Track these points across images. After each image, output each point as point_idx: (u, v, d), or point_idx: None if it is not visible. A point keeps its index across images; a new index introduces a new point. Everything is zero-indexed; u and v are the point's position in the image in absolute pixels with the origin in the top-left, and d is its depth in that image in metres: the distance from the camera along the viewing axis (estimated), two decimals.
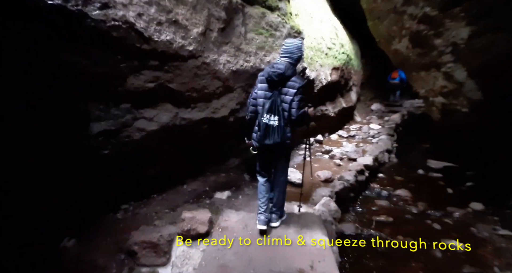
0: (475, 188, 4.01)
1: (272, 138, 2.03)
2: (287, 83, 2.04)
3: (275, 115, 2.01)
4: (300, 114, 2.07)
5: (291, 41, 2.21)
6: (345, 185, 3.68)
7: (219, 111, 3.35)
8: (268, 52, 4.07)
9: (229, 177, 3.92)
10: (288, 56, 2.12)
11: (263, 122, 2.05)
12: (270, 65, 2.11)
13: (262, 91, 2.16)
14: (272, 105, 2.02)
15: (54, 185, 2.18)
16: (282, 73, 2.01)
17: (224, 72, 3.24)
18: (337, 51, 7.41)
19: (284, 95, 2.05)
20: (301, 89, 2.05)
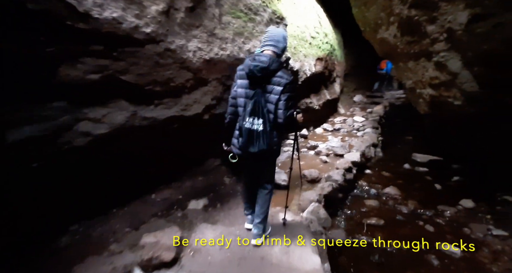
0: (463, 183, 3.80)
1: (257, 145, 1.65)
2: (272, 79, 1.64)
3: (259, 117, 1.62)
4: (288, 116, 1.67)
5: (275, 28, 1.80)
6: (334, 186, 3.31)
7: (191, 107, 2.80)
8: (247, 39, 3.53)
9: (207, 181, 3.42)
10: (273, 45, 1.71)
11: (246, 127, 1.66)
12: (250, 57, 1.69)
13: (242, 89, 1.73)
14: (255, 106, 1.62)
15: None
16: (265, 67, 1.59)
17: (195, 62, 2.67)
18: (321, 40, 6.95)
19: (269, 93, 1.65)
20: (289, 86, 1.64)
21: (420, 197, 3.50)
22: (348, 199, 3.59)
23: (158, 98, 2.43)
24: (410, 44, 3.93)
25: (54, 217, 2.09)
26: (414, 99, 4.85)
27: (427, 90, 3.89)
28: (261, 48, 1.75)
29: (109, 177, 2.40)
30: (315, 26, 6.82)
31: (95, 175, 2.26)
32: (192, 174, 3.38)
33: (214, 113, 3.21)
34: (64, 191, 2.09)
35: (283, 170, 3.96)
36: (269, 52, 1.70)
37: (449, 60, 3.09)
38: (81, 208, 2.27)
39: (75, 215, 2.25)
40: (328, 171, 4.02)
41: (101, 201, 2.41)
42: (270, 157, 1.89)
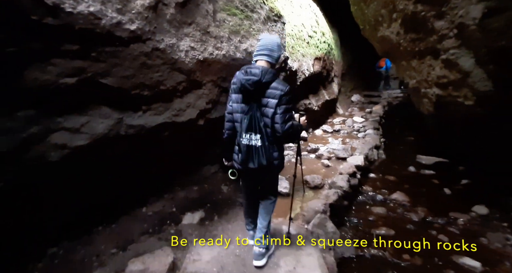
0: (473, 187, 3.59)
1: (257, 161, 1.57)
2: (266, 91, 1.55)
3: (257, 133, 1.55)
4: (286, 130, 1.56)
5: (268, 36, 1.68)
6: (339, 193, 3.07)
7: (184, 113, 2.53)
8: (244, 38, 3.27)
9: (203, 190, 3.16)
10: (267, 54, 1.60)
11: (243, 144, 1.58)
12: (242, 70, 1.60)
13: (237, 104, 1.65)
14: (251, 121, 1.55)
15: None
16: (258, 80, 1.50)
17: (187, 62, 2.41)
18: (319, 39, 6.73)
19: (264, 107, 1.57)
20: (285, 98, 1.54)
21: (429, 203, 3.28)
22: (354, 206, 3.35)
23: (147, 103, 2.17)
24: (415, 42, 3.71)
25: (29, 240, 1.81)
26: (417, 99, 4.64)
27: (433, 90, 3.68)
28: (254, 57, 1.64)
29: (93, 192, 2.13)
30: (312, 25, 6.59)
31: (75, 191, 1.98)
32: (186, 184, 3.11)
33: (210, 118, 2.96)
34: (39, 210, 1.82)
35: (283, 176, 3.72)
36: (263, 62, 1.60)
37: (460, 58, 2.87)
38: (60, 229, 1.99)
39: (54, 236, 1.97)
40: (331, 176, 3.79)
41: (85, 219, 2.13)
42: (272, 171, 1.79)
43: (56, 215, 1.93)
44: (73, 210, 2.03)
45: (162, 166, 2.73)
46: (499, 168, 3.62)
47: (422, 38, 3.48)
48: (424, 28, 3.33)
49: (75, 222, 2.07)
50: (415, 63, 4.00)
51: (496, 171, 3.61)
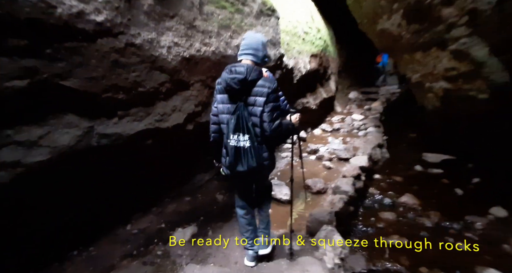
0: (485, 186, 3.31)
1: (246, 163, 1.47)
2: (252, 90, 1.47)
3: (245, 133, 1.46)
4: (275, 128, 1.48)
5: (253, 34, 1.60)
6: (345, 200, 2.78)
7: (170, 117, 2.22)
8: (235, 33, 2.97)
9: (196, 201, 2.85)
10: (252, 54, 1.53)
11: (231, 145, 1.48)
12: (226, 69, 1.52)
13: (223, 104, 1.55)
14: (238, 121, 1.46)
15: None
16: (243, 78, 1.43)
17: (170, 60, 2.10)
18: (314, 36, 6.43)
19: (251, 106, 1.48)
20: (272, 95, 1.47)
21: (442, 205, 3.00)
22: (360, 212, 3.06)
23: (123, 108, 1.85)
24: (419, 33, 3.43)
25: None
26: (420, 94, 4.37)
27: (440, 84, 3.40)
28: (239, 56, 1.57)
29: (64, 211, 1.81)
30: (307, 21, 6.30)
31: (41, 212, 1.67)
32: (176, 195, 2.80)
33: (200, 122, 2.65)
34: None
35: (283, 181, 3.42)
36: (248, 61, 1.52)
37: (471, 48, 2.60)
38: (24, 258, 1.68)
39: (16, 268, 1.66)
40: (334, 179, 3.50)
41: (56, 243, 1.82)
42: (262, 173, 1.70)
43: (18, 243, 1.61)
44: (39, 234, 1.71)
45: (148, 177, 2.42)
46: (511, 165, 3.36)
47: (427, 28, 3.20)
48: (429, 17, 3.04)
49: (43, 248, 1.76)
50: (419, 56, 3.72)
51: (508, 169, 3.35)
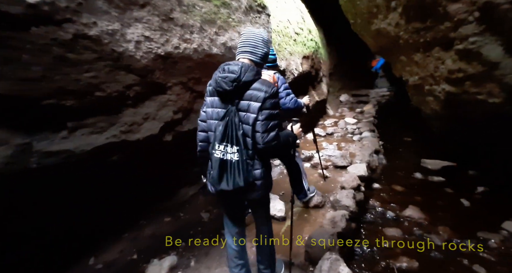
0: (492, 196, 3.06)
1: (232, 180, 1.20)
2: (246, 93, 1.22)
3: (233, 144, 1.20)
4: (269, 140, 1.21)
5: (251, 30, 1.34)
6: (347, 217, 2.43)
7: (141, 127, 1.81)
8: (222, 30, 2.59)
9: (178, 222, 2.43)
10: (250, 51, 1.29)
11: (215, 157, 1.22)
12: (220, 68, 1.28)
13: (212, 108, 1.32)
14: (226, 128, 1.20)
15: None
16: (236, 77, 1.19)
17: (139, 58, 1.69)
18: (305, 37, 6.14)
19: (244, 112, 1.23)
20: (270, 101, 1.20)
21: (450, 219, 2.70)
22: (362, 228, 2.73)
23: (74, 118, 1.43)
24: (419, 32, 3.15)
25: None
26: (418, 97, 4.11)
27: (442, 86, 3.12)
28: (236, 55, 1.33)
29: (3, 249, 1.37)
30: (298, 22, 6.00)
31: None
32: (155, 215, 2.37)
33: (181, 131, 2.24)
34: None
35: (276, 194, 3.05)
36: (245, 60, 1.28)
37: (483, 47, 2.32)
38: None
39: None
40: (331, 191, 3.16)
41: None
42: (256, 195, 1.34)
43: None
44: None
45: (117, 197, 1.99)
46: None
47: (430, 27, 2.92)
48: (433, 14, 2.76)
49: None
50: (418, 57, 3.45)
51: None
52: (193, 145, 2.23)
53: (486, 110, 2.60)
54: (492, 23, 2.19)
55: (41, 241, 1.57)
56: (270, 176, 1.38)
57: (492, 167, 3.47)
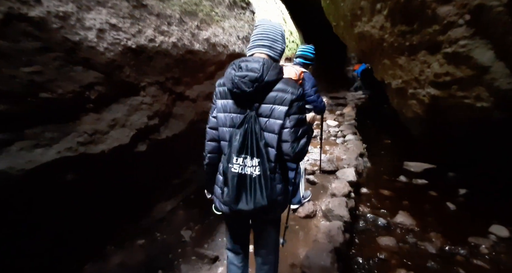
0: (475, 199, 3.08)
1: (252, 200, 0.99)
2: (268, 95, 1.00)
3: (254, 156, 0.99)
4: (300, 151, 1.01)
5: (269, 22, 1.12)
6: (342, 229, 2.25)
7: (106, 137, 1.44)
8: (204, 24, 2.28)
9: (152, 245, 2.07)
10: (269, 46, 1.07)
11: (233, 172, 1.00)
12: (233, 65, 1.04)
13: (225, 113, 1.08)
14: (245, 138, 0.99)
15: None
16: (258, 77, 0.96)
17: (103, 50, 1.33)
18: (287, 39, 6.00)
19: (266, 118, 1.01)
20: (297, 104, 1.00)
21: (439, 225, 2.65)
22: (355, 238, 2.57)
23: (9, 127, 1.05)
24: (405, 35, 3.10)
25: None
26: (400, 100, 4.12)
27: (427, 90, 3.10)
28: (250, 50, 1.11)
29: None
30: (280, 23, 5.84)
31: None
32: (125, 238, 1.99)
33: (158, 139, 1.90)
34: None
35: None
36: (262, 55, 1.07)
37: (473, 50, 2.27)
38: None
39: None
40: (321, 198, 2.98)
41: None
42: (273, 215, 1.20)
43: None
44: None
45: (75, 222, 1.60)
46: (492, 173, 3.20)
47: (416, 30, 2.87)
48: (421, 17, 2.70)
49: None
50: (402, 61, 3.41)
51: (494, 177, 3.18)
52: (173, 154, 1.89)
53: (473, 114, 2.58)
54: (483, 27, 2.14)
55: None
56: (288, 191, 1.21)
57: (470, 169, 3.54)
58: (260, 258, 1.28)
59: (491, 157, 2.93)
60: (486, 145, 2.88)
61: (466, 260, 2.23)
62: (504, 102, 2.26)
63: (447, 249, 2.35)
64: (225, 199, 1.07)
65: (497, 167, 2.97)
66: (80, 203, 1.57)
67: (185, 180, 2.60)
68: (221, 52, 2.47)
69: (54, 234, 1.48)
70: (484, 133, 2.72)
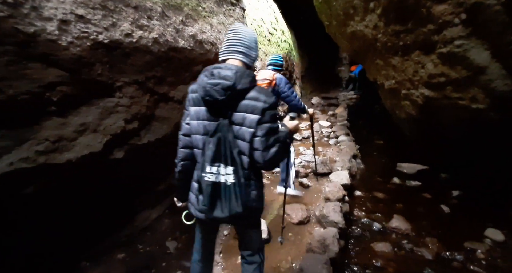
0: (468, 200, 3.02)
1: (227, 207, 1.00)
2: (241, 103, 1.00)
3: (228, 164, 0.99)
4: (270, 158, 1.00)
5: (244, 28, 1.11)
6: (337, 237, 2.12)
7: (73, 144, 1.26)
8: (190, 19, 2.10)
9: (135, 258, 1.88)
10: (243, 53, 1.06)
11: (207, 181, 0.99)
12: (206, 71, 1.03)
13: (198, 120, 1.06)
14: (219, 146, 0.98)
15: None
16: (230, 85, 0.96)
17: (67, 44, 1.15)
18: (279, 38, 5.86)
19: (238, 126, 1.01)
20: (270, 112, 1.00)
21: (435, 229, 2.56)
22: (350, 244, 2.46)
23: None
24: (399, 35, 3.01)
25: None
26: (393, 101, 4.04)
27: (420, 91, 3.02)
28: (223, 55, 1.07)
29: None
30: (272, 21, 5.69)
31: None
32: (103, 251, 1.80)
33: (138, 144, 1.72)
34: None
35: None
36: (236, 62, 1.05)
37: (469, 51, 2.19)
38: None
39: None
40: (315, 202, 2.86)
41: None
42: (250, 220, 1.20)
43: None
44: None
45: (45, 236, 1.41)
46: (492, 175, 3.16)
47: (410, 29, 2.78)
48: (415, 16, 2.61)
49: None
50: (396, 61, 3.33)
51: (487, 179, 3.14)
52: (157, 159, 1.73)
53: (468, 115, 2.51)
54: (480, 26, 2.06)
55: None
56: (263, 196, 1.21)
57: (463, 170, 3.49)
58: (245, 259, 1.29)
59: (486, 158, 2.87)
60: (480, 146, 2.82)
61: (463, 266, 2.15)
62: (500, 103, 2.19)
63: (443, 255, 2.27)
64: (201, 207, 1.05)
65: (491, 168, 2.92)
66: (47, 216, 1.38)
67: (171, 186, 2.42)
68: (209, 50, 2.30)
69: (15, 254, 1.28)
70: (478, 134, 2.66)
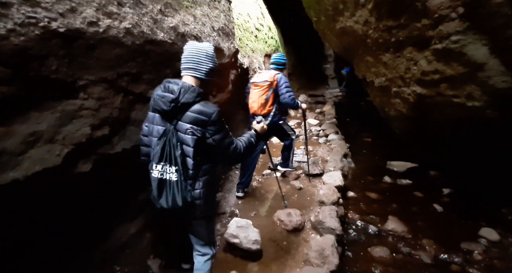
0: (459, 199, 2.99)
1: (171, 200, 1.15)
2: (185, 114, 1.14)
3: (172, 164, 1.14)
4: (231, 155, 1.24)
5: (195, 44, 1.25)
6: (336, 246, 1.97)
7: (20, 159, 0.99)
8: (170, 9, 1.84)
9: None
10: (193, 68, 1.21)
11: (153, 177, 1.18)
12: (162, 84, 1.20)
13: (152, 124, 1.24)
14: (164, 149, 1.14)
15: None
16: (174, 98, 1.12)
17: (6, 32, 0.88)
18: (266, 34, 5.65)
19: (183, 133, 1.15)
20: (213, 128, 1.16)
21: (431, 230, 2.49)
22: (347, 249, 2.32)
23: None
24: (391, 31, 2.89)
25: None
26: (383, 99, 3.95)
27: (412, 88, 2.93)
28: (182, 71, 1.25)
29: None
30: (258, 17, 5.47)
31: None
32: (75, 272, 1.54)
33: (110, 154, 1.46)
34: None
35: (248, 217, 2.45)
36: (188, 78, 1.22)
37: (467, 46, 2.09)
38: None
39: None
40: (308, 206, 2.72)
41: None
42: (193, 215, 1.27)
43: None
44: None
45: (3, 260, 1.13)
46: (472, 171, 3.15)
47: (404, 24, 2.66)
48: (409, 10, 2.49)
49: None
50: (387, 58, 3.21)
51: (475, 176, 3.12)
52: (133, 167, 1.50)
53: (462, 113, 2.44)
54: (478, 20, 1.96)
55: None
56: (211, 196, 1.33)
57: (451, 167, 3.48)
58: (197, 251, 1.40)
59: (478, 156, 2.84)
60: (473, 144, 2.77)
61: (461, 268, 2.08)
62: (498, 101, 2.12)
63: (441, 258, 2.19)
64: (152, 197, 1.21)
65: (484, 166, 2.89)
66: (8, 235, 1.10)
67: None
68: None
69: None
70: (472, 132, 2.60)
